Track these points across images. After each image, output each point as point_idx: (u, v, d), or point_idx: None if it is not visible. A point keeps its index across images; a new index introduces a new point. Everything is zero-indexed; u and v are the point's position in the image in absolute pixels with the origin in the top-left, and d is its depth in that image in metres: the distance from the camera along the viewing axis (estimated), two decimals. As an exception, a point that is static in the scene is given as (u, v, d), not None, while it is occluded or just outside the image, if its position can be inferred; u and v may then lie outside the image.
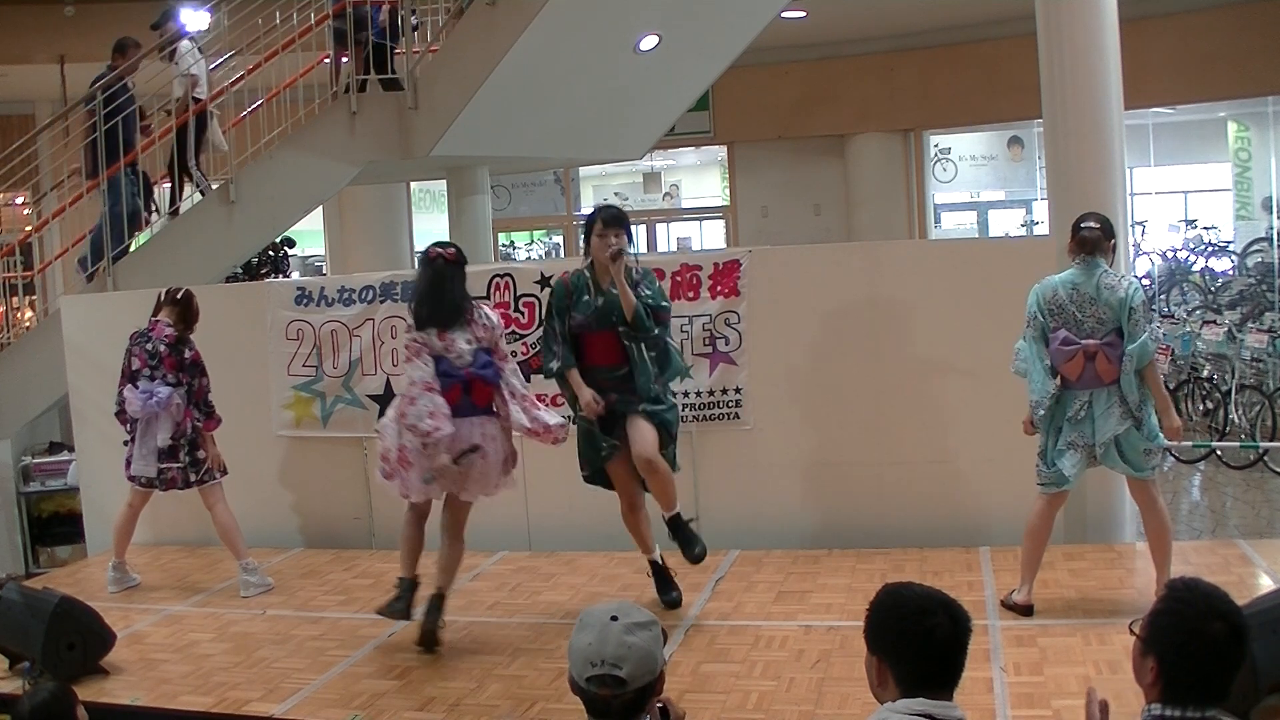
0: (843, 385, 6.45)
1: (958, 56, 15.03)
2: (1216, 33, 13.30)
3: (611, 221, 5.22)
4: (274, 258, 12.67)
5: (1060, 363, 4.95)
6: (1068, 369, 4.93)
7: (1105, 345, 4.88)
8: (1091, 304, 4.91)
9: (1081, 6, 6.11)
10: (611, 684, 2.50)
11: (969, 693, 3.79)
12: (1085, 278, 4.93)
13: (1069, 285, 4.95)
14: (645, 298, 5.20)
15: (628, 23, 8.51)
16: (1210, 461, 10.05)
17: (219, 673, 5.05)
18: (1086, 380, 4.92)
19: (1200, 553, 6.09)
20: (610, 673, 2.50)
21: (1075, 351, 4.90)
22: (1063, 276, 5.00)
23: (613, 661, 2.50)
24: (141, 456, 6.24)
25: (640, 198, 19.06)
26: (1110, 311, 4.89)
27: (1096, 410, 4.93)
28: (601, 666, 2.51)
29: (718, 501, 6.64)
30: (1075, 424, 4.97)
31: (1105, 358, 4.87)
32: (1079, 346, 4.90)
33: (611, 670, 2.50)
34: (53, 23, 12.78)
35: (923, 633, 2.44)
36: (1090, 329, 4.91)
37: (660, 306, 5.27)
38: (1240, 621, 2.37)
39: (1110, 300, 4.88)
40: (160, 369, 6.20)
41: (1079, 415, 4.96)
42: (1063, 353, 4.93)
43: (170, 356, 6.21)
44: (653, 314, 5.21)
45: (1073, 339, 4.92)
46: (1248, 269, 14.23)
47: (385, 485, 5.30)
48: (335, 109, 8.69)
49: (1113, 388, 4.90)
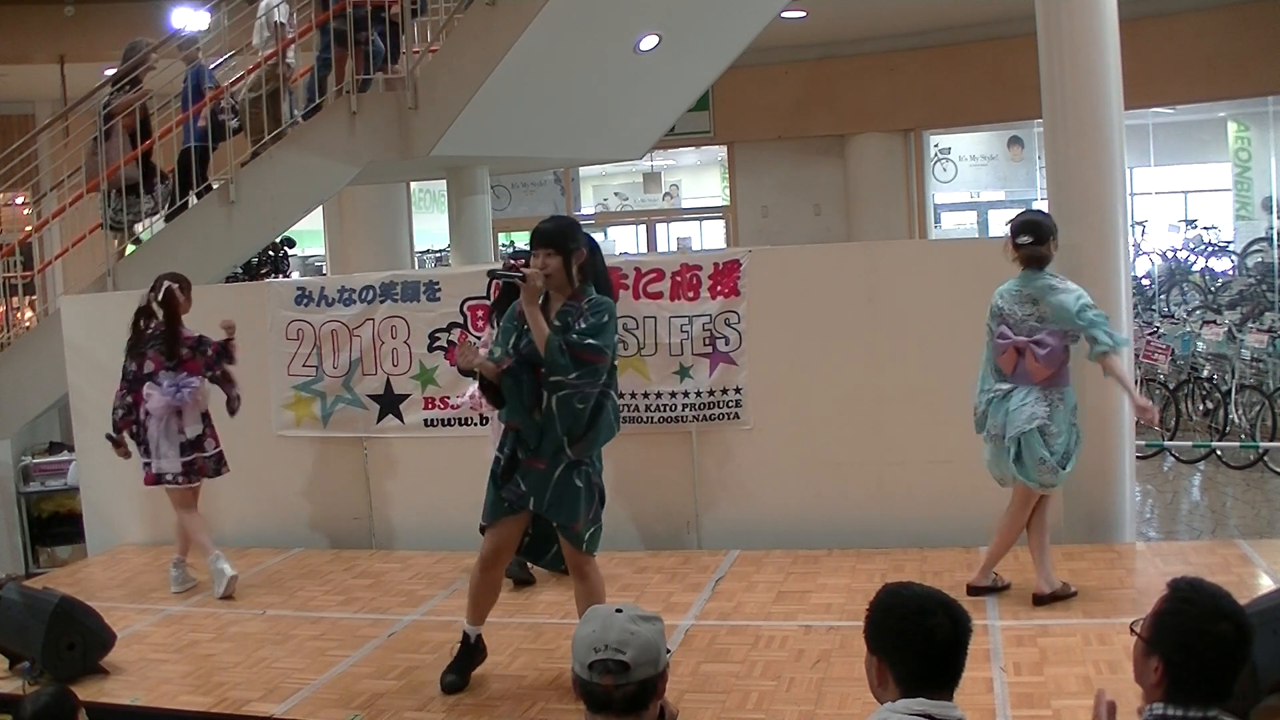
0: (843, 385, 6.45)
1: (958, 56, 15.02)
2: (1216, 33, 13.30)
3: (537, 240, 4.42)
4: (274, 258, 12.67)
5: (996, 355, 5.25)
6: (1001, 361, 5.23)
7: (1033, 343, 5.09)
8: (1034, 304, 5.14)
9: (1081, 6, 6.11)
10: (615, 669, 2.48)
11: (969, 693, 3.79)
12: (1026, 283, 5.18)
13: (1014, 289, 5.22)
14: (575, 332, 4.32)
15: (628, 23, 8.51)
16: (1210, 461, 10.05)
17: (219, 673, 5.05)
18: (1018, 376, 5.17)
19: (1200, 553, 6.10)
20: (613, 657, 2.48)
21: (1007, 346, 5.18)
22: (1009, 285, 5.25)
23: (616, 646, 2.49)
24: (164, 455, 6.22)
25: (640, 198, 19.06)
26: (1051, 312, 5.08)
27: (1011, 403, 5.15)
28: (604, 651, 2.49)
29: (718, 501, 6.66)
30: (994, 413, 5.23)
31: (1033, 356, 5.09)
32: (1010, 341, 5.16)
33: (614, 655, 2.48)
34: (53, 23, 12.77)
35: (922, 633, 2.44)
36: (1029, 328, 5.13)
37: (585, 345, 4.29)
38: (1245, 622, 2.37)
39: (1052, 301, 5.07)
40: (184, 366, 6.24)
41: (1001, 404, 5.20)
42: (998, 346, 5.24)
43: (194, 359, 6.25)
44: (571, 353, 4.29)
45: (1007, 334, 5.18)
46: (1248, 269, 14.23)
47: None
48: (335, 109, 8.68)
49: (1037, 389, 5.10)
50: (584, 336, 4.31)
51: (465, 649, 4.72)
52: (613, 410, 4.46)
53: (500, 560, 4.66)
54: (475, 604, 4.70)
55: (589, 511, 4.43)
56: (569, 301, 4.40)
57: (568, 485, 4.39)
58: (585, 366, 4.30)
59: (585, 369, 4.31)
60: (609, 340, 4.37)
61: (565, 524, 4.44)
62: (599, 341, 4.32)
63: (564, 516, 4.42)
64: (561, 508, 4.40)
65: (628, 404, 6.63)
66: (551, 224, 4.49)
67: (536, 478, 4.41)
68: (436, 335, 6.93)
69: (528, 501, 4.43)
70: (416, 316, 6.96)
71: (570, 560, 4.54)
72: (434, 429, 7.02)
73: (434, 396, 6.98)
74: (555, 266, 4.35)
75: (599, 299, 4.42)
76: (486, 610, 4.73)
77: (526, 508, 4.46)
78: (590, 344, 4.30)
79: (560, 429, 4.35)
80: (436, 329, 6.93)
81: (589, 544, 4.48)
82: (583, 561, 4.50)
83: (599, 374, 4.35)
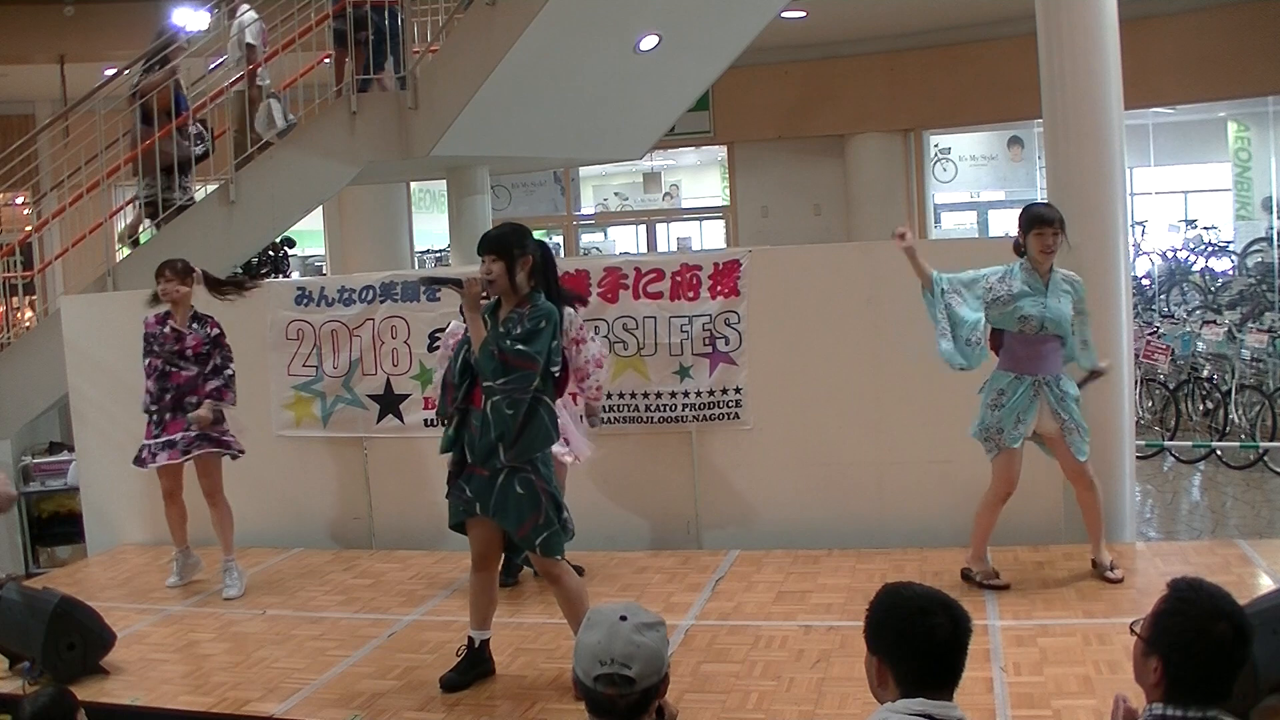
0: (843, 385, 6.45)
1: (958, 56, 15.02)
2: (1216, 33, 13.29)
3: (482, 246, 4.47)
4: (274, 258, 12.65)
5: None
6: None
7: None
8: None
9: (1081, 6, 6.11)
10: (620, 683, 2.50)
11: (969, 693, 3.79)
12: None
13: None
14: (509, 337, 4.35)
15: (628, 23, 8.51)
16: (1210, 461, 10.05)
17: (219, 673, 5.05)
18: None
19: (1200, 553, 6.10)
20: (619, 672, 2.49)
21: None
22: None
23: (622, 660, 2.50)
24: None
25: (640, 198, 19.07)
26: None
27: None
28: (610, 665, 2.50)
29: (718, 501, 6.65)
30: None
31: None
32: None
33: (620, 669, 2.49)
34: (53, 23, 12.77)
35: (922, 633, 2.44)
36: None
37: (515, 351, 4.31)
38: (1245, 622, 2.37)
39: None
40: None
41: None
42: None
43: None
44: (501, 358, 4.32)
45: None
46: (1248, 269, 14.23)
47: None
48: (335, 109, 8.68)
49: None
50: (515, 342, 4.33)
51: (470, 654, 4.74)
52: (548, 417, 4.45)
53: (488, 560, 4.68)
54: (472, 606, 4.74)
55: (536, 516, 4.41)
56: (516, 308, 4.44)
57: (509, 492, 4.40)
58: (514, 372, 4.33)
59: (514, 375, 4.33)
60: (541, 347, 4.35)
61: (511, 529, 4.45)
62: (529, 348, 4.33)
63: (509, 522, 4.43)
64: (506, 513, 4.42)
65: (628, 404, 6.63)
66: (497, 230, 4.54)
67: (480, 484, 4.46)
68: (436, 335, 6.91)
69: (474, 507, 4.49)
70: (416, 316, 6.96)
71: (538, 566, 4.59)
72: (434, 429, 6.98)
73: (434, 396, 6.98)
74: (499, 272, 4.39)
75: (542, 307, 4.42)
76: (486, 613, 4.74)
77: (475, 513, 4.51)
78: (520, 350, 4.32)
79: (492, 434, 4.37)
80: (436, 329, 6.91)
81: (544, 548, 4.45)
82: (549, 565, 4.50)
83: (529, 380, 4.35)
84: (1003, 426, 5.25)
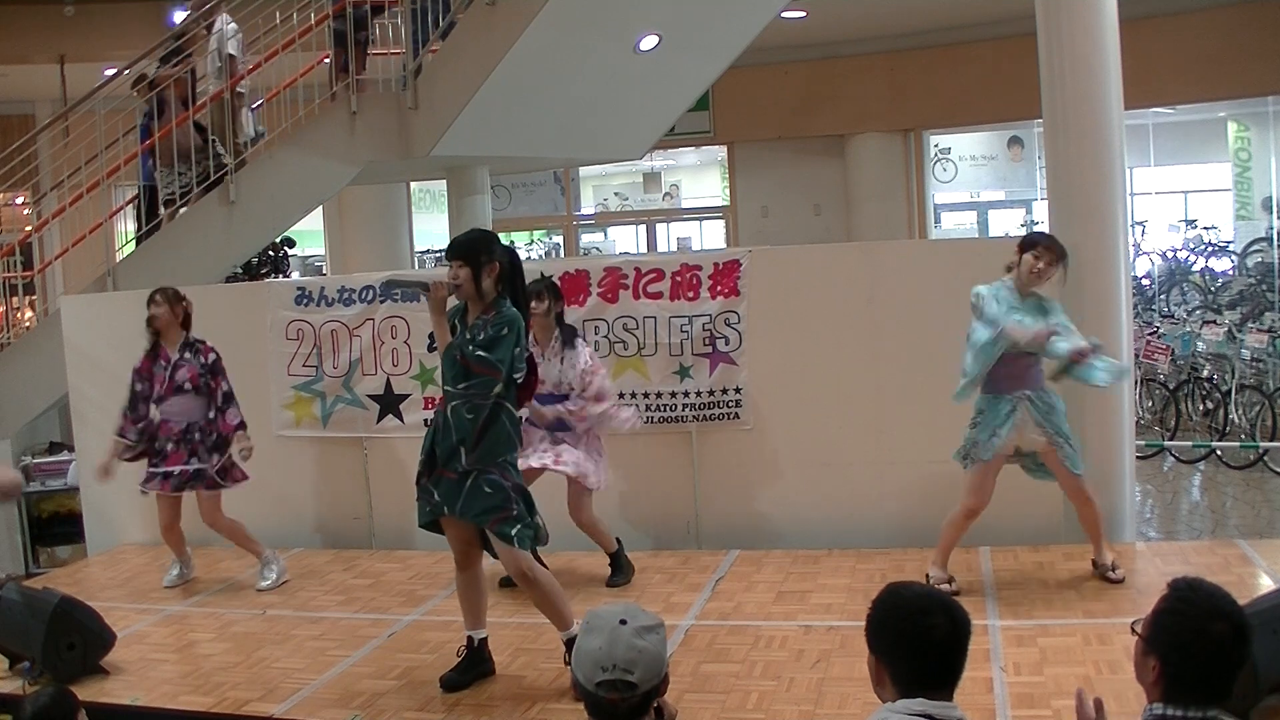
0: (843, 385, 6.45)
1: (958, 56, 15.03)
2: (1216, 33, 13.30)
3: (450, 252, 4.54)
4: (274, 258, 12.66)
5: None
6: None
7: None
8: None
9: (1081, 6, 6.11)
10: (622, 689, 2.50)
11: (969, 693, 3.79)
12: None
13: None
14: (472, 343, 4.40)
15: (628, 23, 8.51)
16: (1210, 461, 10.05)
17: (219, 673, 5.05)
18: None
19: (1200, 553, 6.10)
20: (621, 677, 2.50)
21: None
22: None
23: (624, 666, 2.50)
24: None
25: (640, 198, 19.07)
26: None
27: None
28: (612, 671, 2.50)
29: (718, 501, 6.65)
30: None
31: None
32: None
33: (623, 675, 2.50)
34: (53, 23, 12.78)
35: (922, 633, 2.44)
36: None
37: (476, 357, 4.36)
38: (1243, 622, 2.37)
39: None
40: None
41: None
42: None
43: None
44: (463, 363, 4.40)
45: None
46: (1248, 269, 14.23)
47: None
48: (335, 109, 8.68)
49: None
50: (477, 348, 4.38)
51: (470, 653, 4.75)
52: (510, 423, 4.49)
53: (470, 559, 4.69)
54: (462, 605, 4.77)
55: (506, 510, 4.45)
56: (482, 314, 4.46)
57: (478, 492, 4.45)
58: (475, 378, 4.38)
59: (475, 380, 4.38)
60: (503, 355, 4.37)
61: (483, 524, 4.49)
62: (491, 355, 4.36)
63: (480, 518, 4.48)
64: (475, 511, 4.47)
65: (628, 404, 6.63)
66: (465, 236, 4.58)
67: (448, 486, 4.51)
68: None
69: (443, 509, 4.55)
70: (416, 316, 6.96)
71: (508, 567, 4.58)
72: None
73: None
74: (465, 277, 4.42)
75: (506, 314, 4.44)
76: (478, 610, 4.76)
77: (443, 514, 4.56)
78: (480, 356, 4.36)
79: (454, 438, 4.44)
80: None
81: (519, 540, 4.46)
82: (520, 563, 4.49)
83: (490, 386, 4.39)
84: (978, 439, 5.25)
